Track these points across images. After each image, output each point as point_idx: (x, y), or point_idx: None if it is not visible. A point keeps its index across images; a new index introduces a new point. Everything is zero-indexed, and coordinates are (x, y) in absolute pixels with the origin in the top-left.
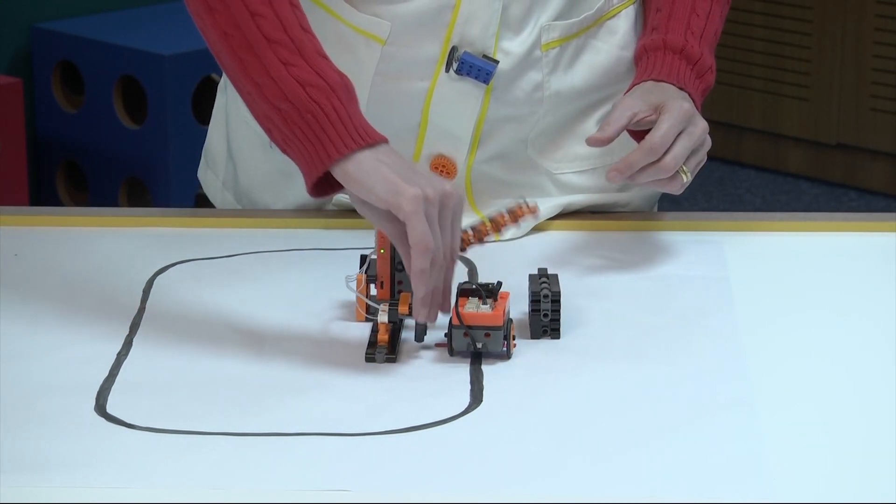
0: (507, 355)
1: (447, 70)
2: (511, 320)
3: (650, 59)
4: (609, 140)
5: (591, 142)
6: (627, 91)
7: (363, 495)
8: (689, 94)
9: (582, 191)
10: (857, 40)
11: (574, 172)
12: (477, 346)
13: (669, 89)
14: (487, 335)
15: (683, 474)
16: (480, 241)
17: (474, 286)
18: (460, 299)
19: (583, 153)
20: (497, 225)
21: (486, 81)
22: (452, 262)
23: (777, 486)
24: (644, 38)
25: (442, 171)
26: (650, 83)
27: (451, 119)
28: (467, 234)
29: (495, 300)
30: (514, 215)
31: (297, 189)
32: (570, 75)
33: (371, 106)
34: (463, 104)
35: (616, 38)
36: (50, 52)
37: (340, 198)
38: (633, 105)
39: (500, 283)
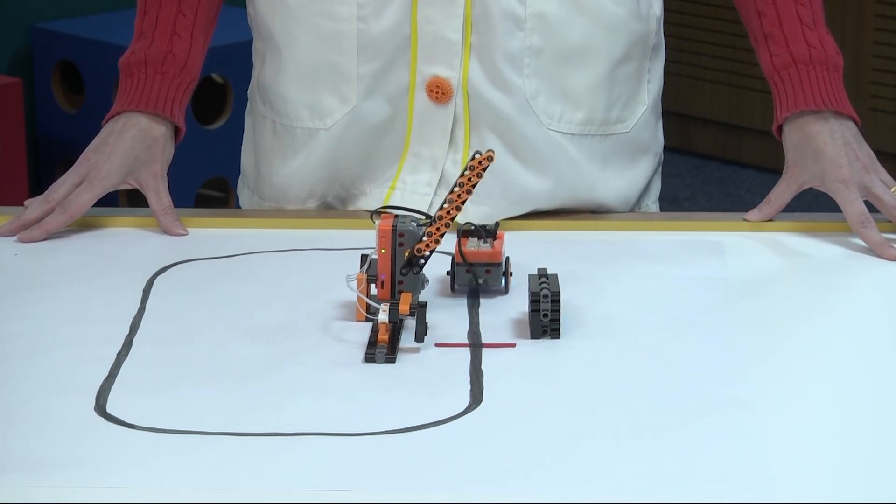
0: (505, 290)
1: None
2: (508, 258)
3: (785, 84)
4: (766, 218)
5: (751, 218)
6: (785, 151)
7: (363, 495)
8: (831, 107)
9: (567, 163)
10: (857, 40)
11: (564, 134)
12: (479, 282)
13: (818, 140)
14: (488, 271)
15: (683, 474)
16: (458, 209)
17: (474, 227)
18: (462, 239)
19: (568, 115)
20: (463, 189)
21: None
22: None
23: (777, 485)
24: (764, 48)
25: (437, 92)
26: (795, 136)
27: (441, 21)
28: (444, 210)
29: (494, 240)
30: (475, 169)
31: (299, 159)
32: (555, 3)
33: (361, 31)
34: (449, 1)
35: None
36: (50, 52)
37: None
38: (791, 188)
39: (497, 224)
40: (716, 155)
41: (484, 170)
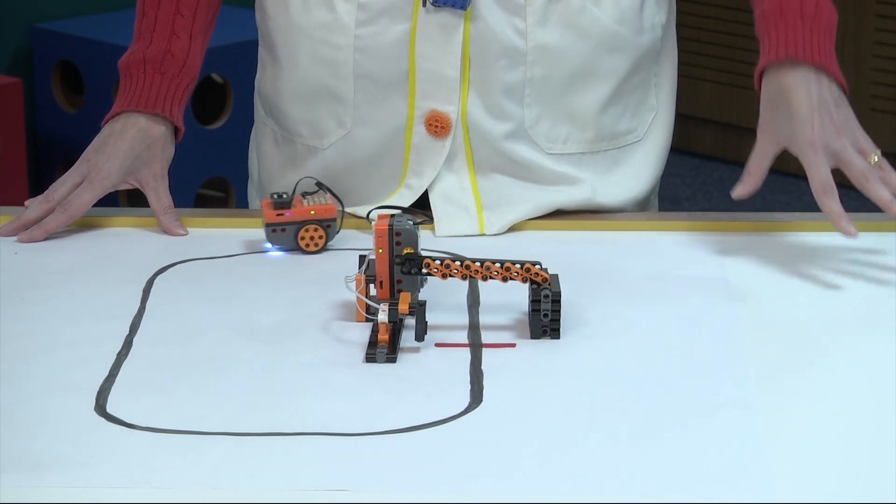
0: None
1: (424, 4)
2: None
3: (770, 33)
4: (752, 192)
5: (737, 194)
6: (758, 95)
7: (363, 495)
8: (814, 62)
9: (571, 181)
10: (857, 40)
11: (565, 154)
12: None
13: (793, 96)
14: (329, 226)
15: (683, 474)
16: (473, 275)
17: (278, 195)
18: (271, 211)
19: (576, 135)
20: (499, 273)
21: (463, 7)
22: None
23: (777, 486)
24: (758, 3)
25: (436, 126)
26: (772, 87)
27: (438, 58)
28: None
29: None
30: (526, 275)
31: (298, 174)
32: (557, 33)
33: (358, 62)
34: (446, 37)
35: (616, 12)
36: (50, 52)
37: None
38: (768, 151)
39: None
40: (716, 155)
41: (534, 283)
